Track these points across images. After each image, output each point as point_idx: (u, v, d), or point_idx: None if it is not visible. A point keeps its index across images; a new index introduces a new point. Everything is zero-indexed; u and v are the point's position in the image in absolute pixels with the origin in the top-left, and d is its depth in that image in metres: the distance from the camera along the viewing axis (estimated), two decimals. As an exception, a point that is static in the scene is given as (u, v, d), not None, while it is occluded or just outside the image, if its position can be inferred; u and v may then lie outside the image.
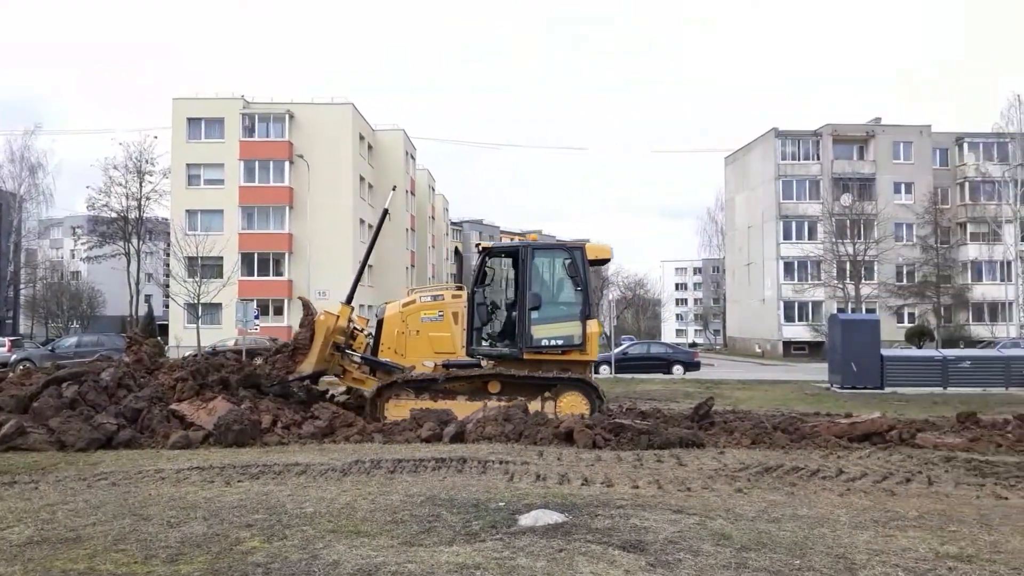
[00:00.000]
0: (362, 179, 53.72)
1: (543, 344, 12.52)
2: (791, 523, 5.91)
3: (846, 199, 56.36)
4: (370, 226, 55.56)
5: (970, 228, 58.79)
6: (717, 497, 6.93)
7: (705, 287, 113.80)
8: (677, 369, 33.81)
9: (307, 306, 13.67)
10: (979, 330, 54.63)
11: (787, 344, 57.96)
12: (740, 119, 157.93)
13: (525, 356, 12.51)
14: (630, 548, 5.07)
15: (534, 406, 12.01)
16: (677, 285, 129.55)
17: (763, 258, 61.35)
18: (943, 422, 13.34)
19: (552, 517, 5.81)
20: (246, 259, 49.35)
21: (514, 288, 12.88)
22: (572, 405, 12.27)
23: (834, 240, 55.50)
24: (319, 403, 12.64)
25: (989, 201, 57.92)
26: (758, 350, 60.38)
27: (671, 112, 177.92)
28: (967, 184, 59.26)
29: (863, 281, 54.87)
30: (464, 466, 8.38)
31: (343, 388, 14.49)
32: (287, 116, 50.40)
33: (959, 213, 59.07)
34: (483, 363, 12.77)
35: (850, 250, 54.66)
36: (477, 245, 13.30)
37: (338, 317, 13.70)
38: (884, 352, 26.11)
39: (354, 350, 13.89)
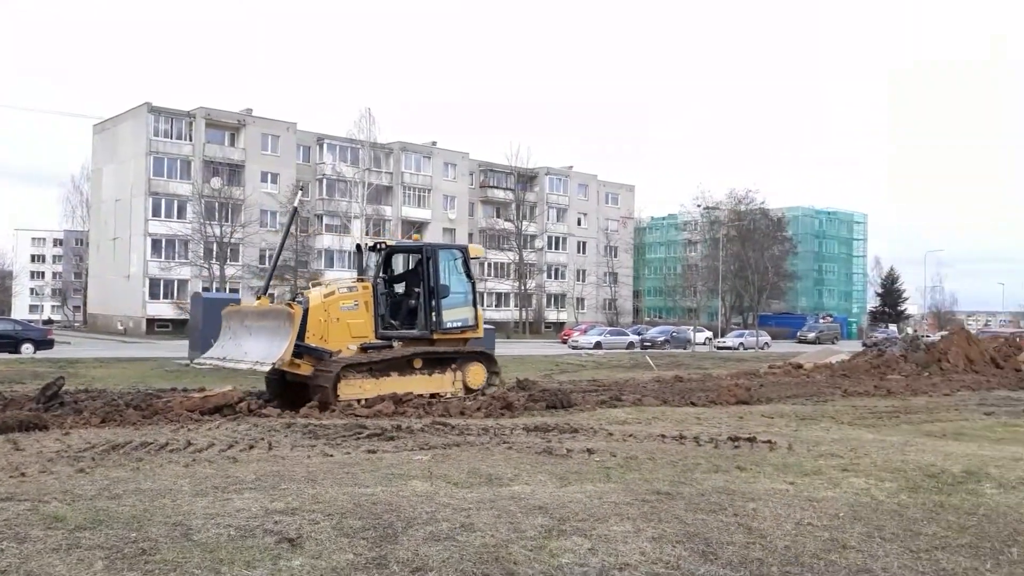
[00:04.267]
0: None
1: (449, 326, 14.59)
2: (132, 497, 5.94)
3: (216, 182, 57.40)
4: None
5: (326, 220, 64.94)
6: (55, 480, 6.61)
7: (67, 260, 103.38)
8: (27, 348, 30.93)
9: None
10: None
11: (151, 321, 56.62)
12: (112, 87, 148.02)
13: (435, 337, 14.45)
14: (-59, 543, 4.56)
15: (448, 376, 14.33)
16: (34, 257, 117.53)
17: (130, 234, 58.84)
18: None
19: None
20: None
21: (419, 280, 14.61)
22: (476, 373, 14.68)
23: (203, 221, 56.10)
24: None
25: (342, 198, 64.71)
26: (121, 327, 57.76)
27: (34, 65, 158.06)
28: (325, 181, 65.19)
29: (228, 262, 56.53)
30: None
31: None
32: None
33: (317, 206, 64.65)
34: (394, 344, 14.32)
35: (218, 232, 55.87)
36: (379, 242, 15.31)
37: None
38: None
39: None
